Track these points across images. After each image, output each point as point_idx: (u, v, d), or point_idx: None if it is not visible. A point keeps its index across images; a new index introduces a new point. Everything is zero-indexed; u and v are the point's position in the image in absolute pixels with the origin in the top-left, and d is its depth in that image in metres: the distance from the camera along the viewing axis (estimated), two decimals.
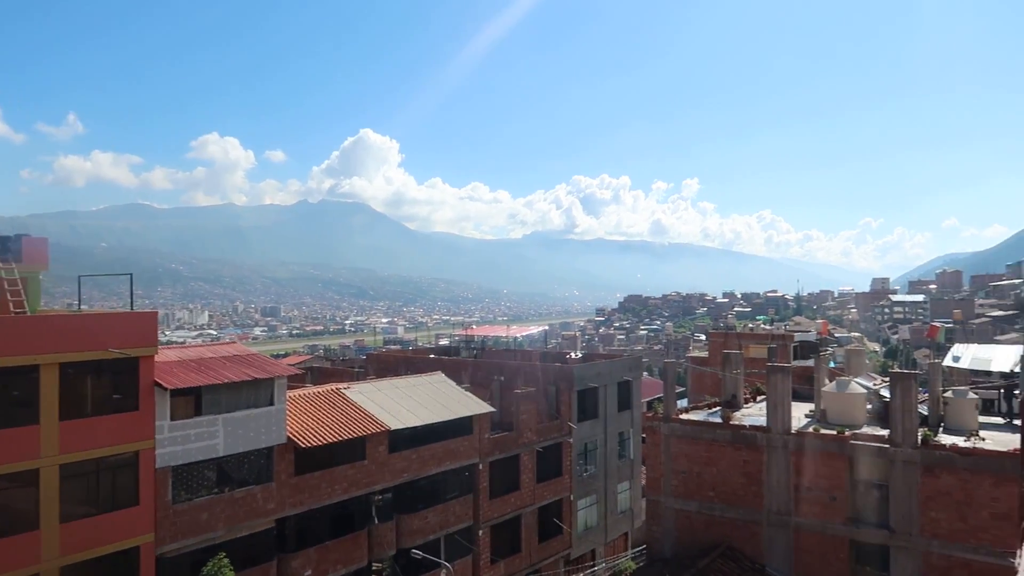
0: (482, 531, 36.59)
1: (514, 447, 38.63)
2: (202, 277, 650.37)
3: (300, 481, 28.86)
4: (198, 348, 30.52)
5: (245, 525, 27.03)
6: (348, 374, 48.83)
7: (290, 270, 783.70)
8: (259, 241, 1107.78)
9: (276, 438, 27.90)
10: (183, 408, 25.65)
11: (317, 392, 33.31)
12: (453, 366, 45.48)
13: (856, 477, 24.97)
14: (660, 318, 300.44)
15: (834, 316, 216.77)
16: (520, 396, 39.37)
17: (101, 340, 23.54)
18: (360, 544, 30.90)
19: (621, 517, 47.03)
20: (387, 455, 32.05)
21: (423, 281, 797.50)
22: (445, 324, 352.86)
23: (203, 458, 26.04)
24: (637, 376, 48.95)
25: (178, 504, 25.31)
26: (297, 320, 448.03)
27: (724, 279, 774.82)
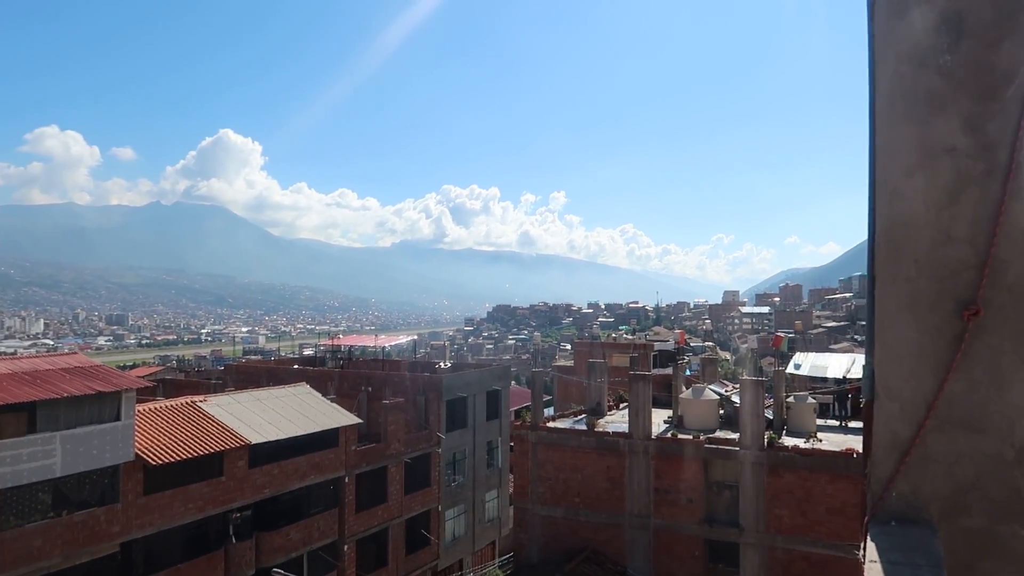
0: (347, 546, 35.64)
1: (381, 459, 37.95)
2: (37, 282, 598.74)
3: (150, 501, 26.99)
4: (32, 359, 27.98)
5: (86, 551, 24.95)
6: (205, 386, 46.31)
7: (140, 275, 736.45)
8: (104, 244, 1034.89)
9: (123, 455, 25.96)
10: (14, 425, 23.37)
11: (170, 405, 31.34)
12: (319, 377, 44.18)
13: (710, 479, 26.33)
14: (528, 328, 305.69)
15: (690, 326, 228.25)
16: (388, 407, 38.77)
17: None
18: (216, 565, 29.27)
19: (489, 526, 47.24)
20: (247, 470, 30.61)
21: (286, 289, 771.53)
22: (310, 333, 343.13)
23: (37, 479, 23.80)
24: (506, 385, 49.44)
25: (5, 531, 22.99)
26: (147, 329, 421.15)
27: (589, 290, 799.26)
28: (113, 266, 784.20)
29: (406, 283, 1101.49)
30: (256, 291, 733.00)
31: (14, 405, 23.02)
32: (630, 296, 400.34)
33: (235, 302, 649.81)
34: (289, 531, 32.52)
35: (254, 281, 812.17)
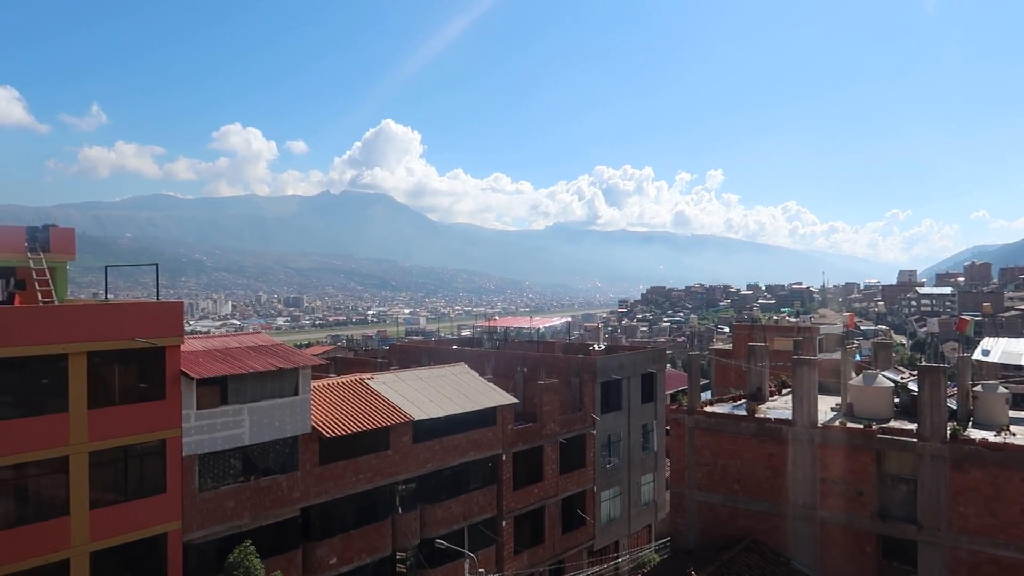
0: (505, 521, 36.66)
1: (537, 438, 38.62)
2: (225, 267, 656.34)
3: (325, 470, 29.05)
4: (223, 338, 30.75)
5: (271, 513, 27.27)
6: (371, 364, 49.03)
7: (312, 260, 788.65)
8: (281, 231, 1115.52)
9: (301, 427, 28.09)
10: (209, 397, 25.88)
11: (341, 382, 33.48)
12: (476, 357, 45.51)
13: (884, 471, 24.64)
14: (683, 310, 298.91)
15: (860, 309, 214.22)
16: (543, 387, 39.32)
17: (128, 330, 23.78)
18: (384, 533, 31.08)
19: (644, 509, 46.91)
20: (411, 445, 32.16)
21: (445, 272, 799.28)
22: (467, 315, 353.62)
23: (229, 447, 26.28)
24: (660, 368, 48.71)
25: (204, 492, 25.57)
26: (320, 310, 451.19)
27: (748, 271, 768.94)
28: (289, 252, 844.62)
29: (559, 265, 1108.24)
30: (417, 274, 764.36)
31: (209, 379, 25.47)
32: (792, 277, 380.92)
33: (398, 285, 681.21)
34: (450, 505, 33.88)
35: (415, 265, 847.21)
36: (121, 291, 57.86)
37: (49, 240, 28.29)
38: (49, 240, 28.29)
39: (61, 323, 22.55)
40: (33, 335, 21.84)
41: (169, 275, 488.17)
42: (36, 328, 22.00)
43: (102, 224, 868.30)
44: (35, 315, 22.55)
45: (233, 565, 23.94)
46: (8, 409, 21.56)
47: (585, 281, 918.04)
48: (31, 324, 21.98)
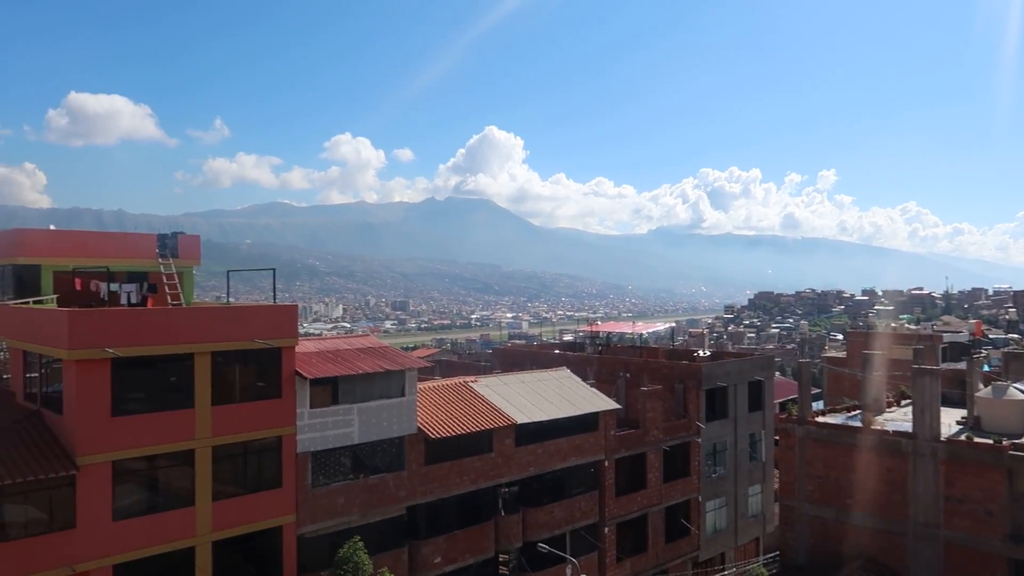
0: (608, 528, 36.37)
1: (640, 445, 38.13)
2: (336, 272, 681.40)
3: (430, 471, 29.68)
4: (334, 340, 31.95)
5: (378, 511, 28.10)
6: (475, 368, 49.80)
7: (418, 265, 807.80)
8: (389, 237, 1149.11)
9: (407, 428, 28.82)
10: (321, 397, 26.94)
11: (446, 384, 34.14)
12: (578, 362, 45.41)
13: (1016, 491, 22.94)
14: (793, 316, 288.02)
15: (989, 316, 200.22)
16: (647, 393, 38.80)
17: (248, 331, 25.07)
18: (487, 535, 31.45)
19: (752, 521, 45.45)
20: (513, 448, 32.42)
21: (547, 276, 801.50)
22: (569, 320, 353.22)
23: (339, 445, 27.26)
24: (769, 376, 47.12)
25: (317, 488, 26.63)
26: (425, 314, 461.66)
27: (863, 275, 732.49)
28: (396, 257, 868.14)
29: (662, 270, 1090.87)
30: (519, 279, 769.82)
31: (322, 379, 26.52)
32: (912, 282, 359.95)
33: (500, 289, 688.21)
34: (552, 509, 33.92)
35: (517, 269, 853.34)
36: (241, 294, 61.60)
37: (178, 247, 30.26)
38: (178, 247, 30.26)
39: (188, 324, 24.02)
40: (163, 335, 23.35)
41: (284, 279, 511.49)
42: (166, 329, 23.51)
43: (224, 231, 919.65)
44: (165, 317, 24.13)
45: (343, 559, 24.80)
46: (140, 404, 23.10)
47: (689, 286, 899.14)
48: (162, 325, 23.52)
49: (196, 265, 31.57)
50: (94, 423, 21.76)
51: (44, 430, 22.74)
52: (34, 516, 21.12)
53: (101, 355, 21.85)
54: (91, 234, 31.53)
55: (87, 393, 21.72)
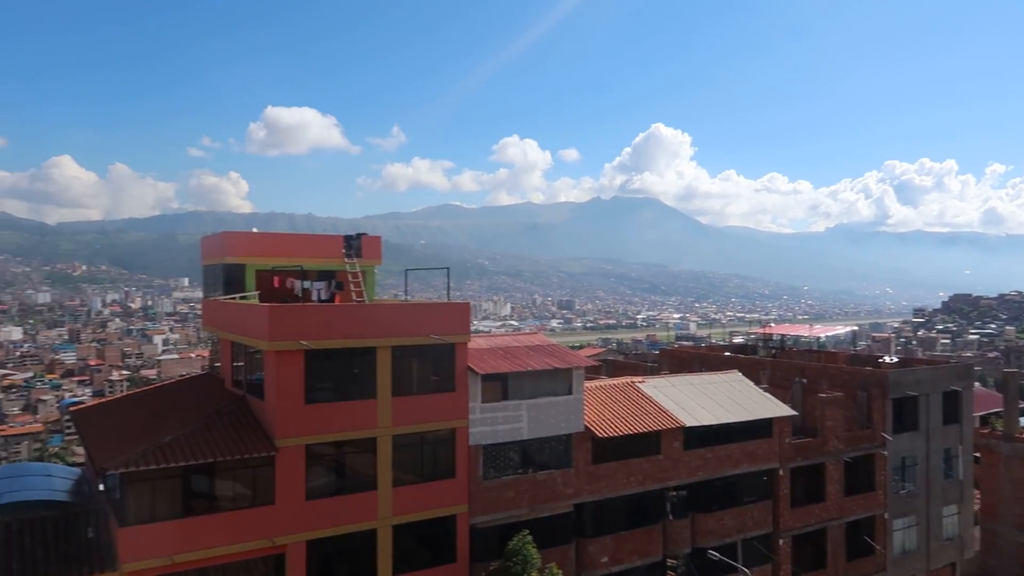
0: (782, 540, 34.67)
1: (818, 455, 36.03)
2: (504, 271, 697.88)
3: (597, 469, 29.71)
4: (504, 337, 32.77)
5: (546, 506, 28.51)
6: (641, 368, 49.17)
7: (583, 265, 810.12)
8: (555, 237, 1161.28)
9: (575, 426, 29.02)
10: (492, 392, 27.73)
11: (612, 384, 34.03)
12: (750, 365, 43.64)
13: None
14: (995, 321, 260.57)
15: None
16: (825, 400, 36.60)
17: (425, 327, 26.30)
18: (655, 538, 31.01)
19: (947, 545, 41.57)
20: (681, 452, 31.73)
21: (715, 277, 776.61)
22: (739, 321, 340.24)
23: (509, 440, 27.92)
24: (967, 386, 42.86)
25: (488, 480, 27.45)
26: (590, 313, 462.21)
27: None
28: (562, 257, 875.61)
29: (842, 270, 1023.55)
30: (686, 279, 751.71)
31: (493, 375, 27.31)
32: None
33: (667, 289, 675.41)
34: (723, 516, 32.85)
35: (684, 269, 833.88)
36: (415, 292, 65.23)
37: (361, 247, 32.25)
38: (361, 247, 32.25)
39: (371, 320, 25.57)
40: (350, 330, 25.02)
41: (455, 278, 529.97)
42: (352, 324, 25.18)
43: (400, 232, 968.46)
44: (351, 313, 25.86)
45: (513, 552, 25.40)
46: (328, 394, 24.88)
47: (872, 287, 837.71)
48: (348, 320, 25.22)
49: (378, 264, 33.51)
50: (291, 409, 23.73)
51: (248, 414, 25.09)
52: (240, 492, 23.35)
53: (296, 347, 23.78)
54: (286, 236, 34.37)
55: (284, 382, 23.71)
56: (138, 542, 21.45)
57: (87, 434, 27.24)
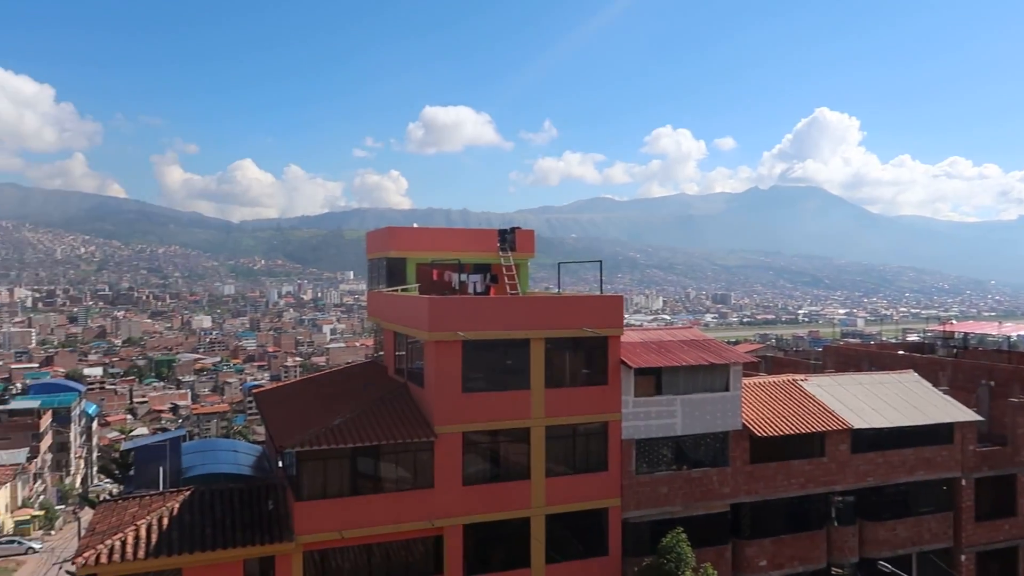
0: (965, 556, 31.87)
1: (1009, 465, 32.77)
2: (656, 264, 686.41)
3: (755, 470, 28.63)
4: (657, 331, 32.23)
5: (701, 505, 27.83)
6: (803, 366, 46.83)
7: (740, 257, 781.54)
8: (709, 229, 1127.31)
9: (731, 423, 28.10)
10: (644, 387, 27.38)
11: (772, 381, 32.63)
12: (927, 365, 40.40)
13: None
14: None
15: None
16: (1016, 406, 33.21)
17: (578, 319, 26.37)
18: (818, 544, 29.46)
19: None
20: (848, 455, 29.91)
21: (887, 269, 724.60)
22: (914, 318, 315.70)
23: (661, 435, 27.47)
24: None
25: (640, 475, 27.17)
26: (747, 308, 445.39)
27: None
28: (717, 249, 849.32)
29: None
30: (853, 272, 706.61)
31: (646, 369, 26.97)
32: None
33: (831, 283, 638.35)
34: (895, 525, 30.68)
35: (851, 262, 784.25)
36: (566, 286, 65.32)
37: (515, 241, 32.86)
38: (515, 241, 32.86)
39: (525, 312, 25.98)
40: (504, 322, 25.55)
41: (606, 271, 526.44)
42: (506, 316, 25.70)
43: (552, 226, 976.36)
44: (506, 305, 26.39)
45: (666, 549, 24.99)
46: (484, 383, 25.54)
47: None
48: (503, 312, 25.76)
49: (531, 257, 33.99)
50: (449, 397, 24.61)
51: (409, 400, 26.28)
52: (401, 475, 24.52)
53: (453, 337, 24.59)
54: (444, 231, 35.56)
55: (443, 371, 24.61)
56: (311, 516, 23.07)
57: (267, 415, 29.58)
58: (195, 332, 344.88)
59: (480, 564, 25.24)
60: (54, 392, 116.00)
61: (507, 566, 25.62)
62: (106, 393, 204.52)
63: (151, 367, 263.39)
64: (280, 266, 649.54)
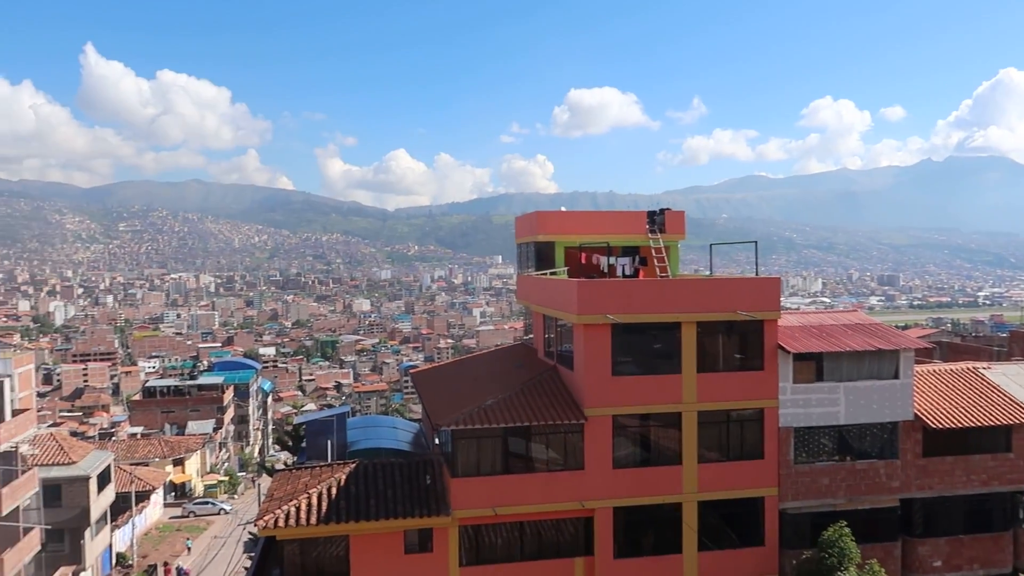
0: None
1: None
2: (814, 244, 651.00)
3: (928, 463, 26.63)
4: (818, 315, 30.61)
5: (867, 498, 26.25)
6: (985, 352, 42.95)
7: (910, 236, 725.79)
8: (874, 206, 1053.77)
9: (902, 414, 26.26)
10: (804, 373, 26.11)
11: (949, 369, 30.14)
12: None
13: None
14: None
15: None
16: None
17: (731, 303, 25.51)
18: (1003, 547, 27.03)
19: None
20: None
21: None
22: None
23: (822, 424, 26.13)
24: None
25: (799, 465, 26.01)
26: (918, 290, 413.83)
27: None
28: (883, 228, 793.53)
29: None
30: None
31: (805, 354, 25.72)
32: None
33: (1018, 262, 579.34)
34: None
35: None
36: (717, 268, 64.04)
37: (664, 222, 32.22)
38: (664, 222, 32.22)
39: (676, 295, 25.45)
40: (654, 305, 25.16)
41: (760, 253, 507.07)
42: (656, 299, 25.30)
43: (701, 207, 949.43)
44: (656, 288, 25.99)
45: (828, 543, 23.83)
46: (633, 367, 25.31)
47: None
48: (653, 295, 25.38)
49: (681, 239, 33.20)
50: (598, 380, 24.62)
51: (559, 382, 26.54)
52: (552, 456, 24.85)
53: (602, 320, 24.53)
54: (592, 213, 35.45)
55: (592, 354, 24.65)
56: (466, 492, 23.90)
57: (424, 394, 30.89)
58: (356, 315, 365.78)
59: (630, 547, 25.18)
60: (234, 369, 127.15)
61: (658, 551, 25.40)
62: (278, 371, 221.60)
63: (317, 347, 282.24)
64: (432, 251, 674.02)
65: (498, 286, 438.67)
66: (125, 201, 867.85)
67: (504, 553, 24.72)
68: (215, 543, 62.20)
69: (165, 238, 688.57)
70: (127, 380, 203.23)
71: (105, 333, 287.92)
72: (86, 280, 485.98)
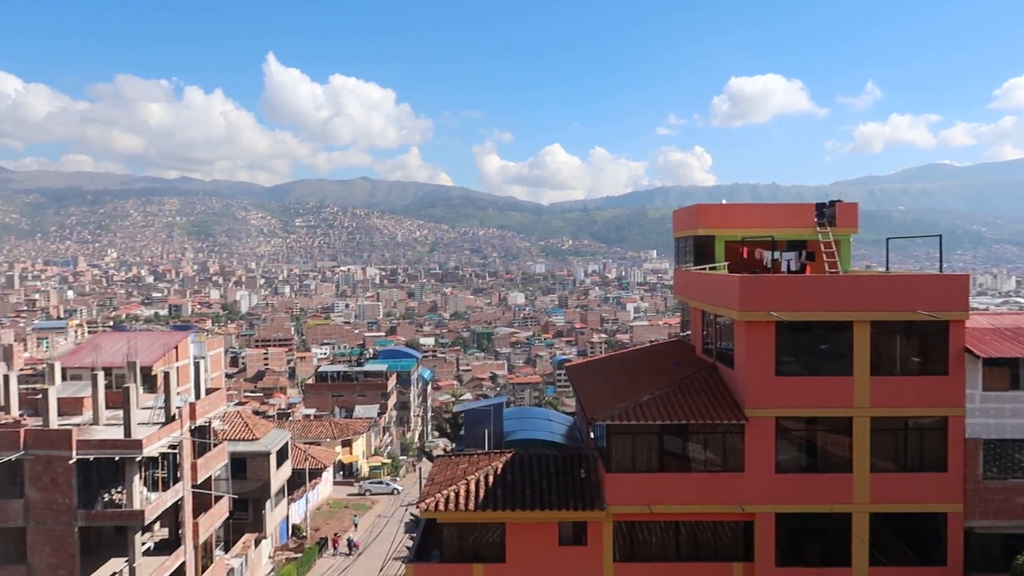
0: None
1: None
2: (1008, 239, 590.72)
3: None
4: (1013, 316, 27.77)
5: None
6: None
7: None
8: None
9: None
10: (996, 380, 23.74)
11: None
12: None
13: None
14: None
15: None
16: None
17: (910, 301, 23.64)
18: None
19: None
20: None
21: None
22: None
23: (1018, 437, 23.67)
24: None
25: (989, 481, 23.72)
26: None
27: None
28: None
29: None
30: None
31: (997, 359, 23.38)
32: None
33: None
34: None
35: None
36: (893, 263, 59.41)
37: (835, 215, 30.37)
38: (835, 215, 30.37)
39: (847, 292, 23.91)
40: (823, 302, 23.77)
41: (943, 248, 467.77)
42: (825, 296, 23.89)
43: (875, 198, 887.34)
44: (825, 284, 24.55)
45: (1022, 567, 21.62)
46: (799, 367, 24.08)
47: None
48: (821, 292, 23.99)
49: (853, 233, 31.18)
50: (761, 380, 23.64)
51: (718, 381, 25.76)
52: (709, 456, 24.17)
53: (766, 318, 23.50)
54: (754, 206, 34.02)
55: (754, 352, 23.69)
56: (621, 487, 23.75)
57: (579, 388, 31.00)
58: (510, 308, 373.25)
59: (793, 556, 24.04)
60: (397, 358, 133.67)
61: (824, 562, 24.11)
62: (437, 360, 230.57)
63: (473, 339, 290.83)
64: (586, 246, 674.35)
65: (652, 281, 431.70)
66: (301, 198, 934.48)
67: (659, 552, 24.37)
68: (379, 521, 65.79)
69: (336, 232, 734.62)
70: (302, 365, 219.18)
71: (283, 321, 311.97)
72: (267, 271, 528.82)
